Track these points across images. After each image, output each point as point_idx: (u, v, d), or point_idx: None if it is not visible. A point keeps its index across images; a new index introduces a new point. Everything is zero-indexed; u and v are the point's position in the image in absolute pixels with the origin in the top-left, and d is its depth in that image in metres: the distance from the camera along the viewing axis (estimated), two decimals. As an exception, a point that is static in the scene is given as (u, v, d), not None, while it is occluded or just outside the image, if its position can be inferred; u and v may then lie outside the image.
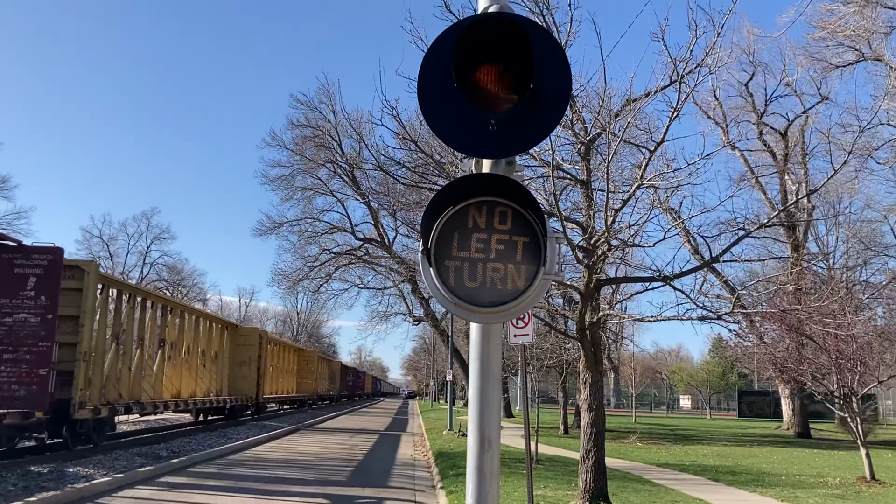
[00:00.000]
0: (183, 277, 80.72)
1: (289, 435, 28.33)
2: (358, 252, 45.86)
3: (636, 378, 56.89)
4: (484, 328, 2.79)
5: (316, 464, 18.75)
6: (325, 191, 45.41)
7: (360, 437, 29.01)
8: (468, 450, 2.69)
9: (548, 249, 2.77)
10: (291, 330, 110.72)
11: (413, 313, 47.33)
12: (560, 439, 30.10)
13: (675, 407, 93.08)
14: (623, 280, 13.12)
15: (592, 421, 11.59)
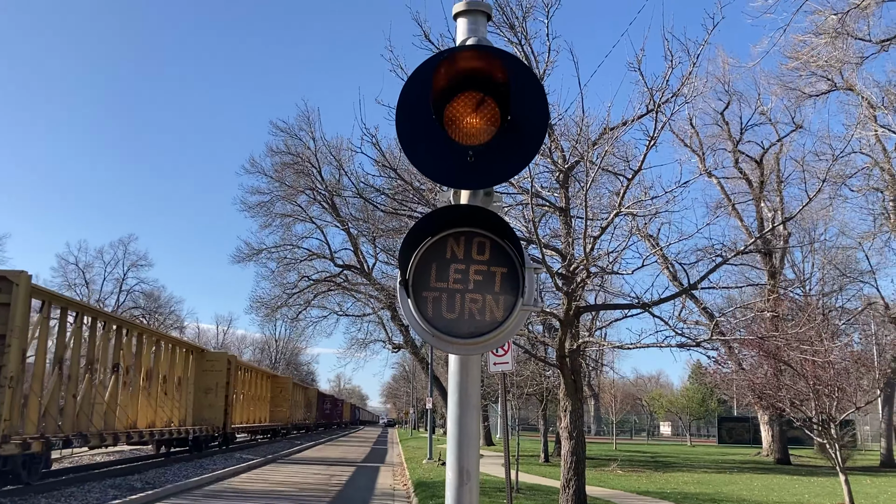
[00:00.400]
0: (160, 305, 79.94)
1: (263, 466, 27.94)
2: (337, 279, 45.73)
3: (616, 405, 56.88)
4: (462, 359, 2.77)
5: (295, 494, 18.48)
6: (305, 217, 45.40)
7: (338, 468, 28.66)
8: (447, 483, 2.66)
9: (526, 280, 2.77)
10: (270, 357, 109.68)
11: (392, 340, 47.20)
12: (541, 467, 29.95)
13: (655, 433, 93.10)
14: (602, 307, 13.17)
15: (573, 449, 11.54)
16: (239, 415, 35.35)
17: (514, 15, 12.66)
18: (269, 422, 44.76)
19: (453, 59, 2.82)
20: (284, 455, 34.38)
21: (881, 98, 32.28)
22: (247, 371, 39.64)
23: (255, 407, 41.02)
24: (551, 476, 24.14)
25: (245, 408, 37.88)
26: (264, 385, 44.29)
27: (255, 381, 41.24)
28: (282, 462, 30.53)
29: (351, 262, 45.23)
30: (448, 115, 2.93)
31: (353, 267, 44.76)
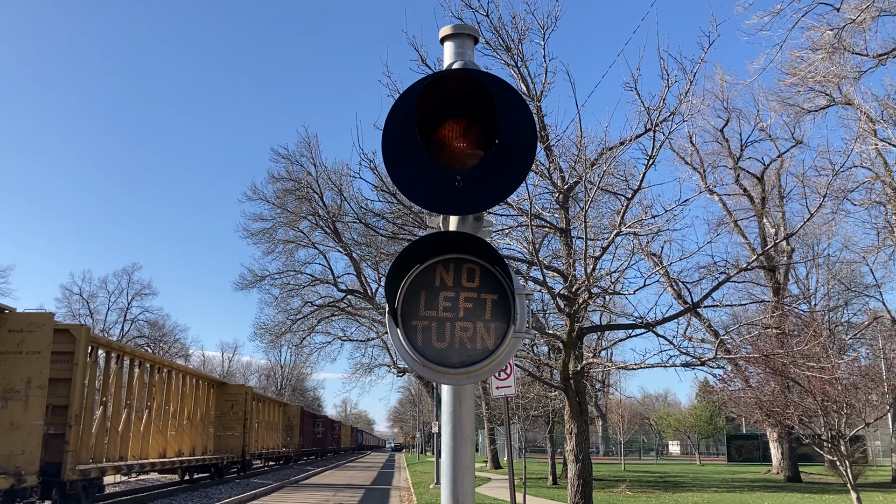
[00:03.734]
0: (164, 333, 79.75)
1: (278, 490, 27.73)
2: (341, 304, 45.60)
3: (624, 425, 56.46)
4: (455, 389, 2.71)
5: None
6: (307, 243, 45.36)
7: (347, 492, 28.42)
8: (441, 517, 2.59)
9: (517, 306, 2.71)
10: (275, 384, 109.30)
11: (397, 364, 46.89)
12: (549, 490, 29.64)
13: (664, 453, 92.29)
14: (605, 328, 13.08)
15: (579, 472, 11.40)
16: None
17: (510, 37, 12.69)
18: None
19: (438, 82, 2.77)
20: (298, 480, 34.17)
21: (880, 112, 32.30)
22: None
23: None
24: (559, 499, 23.88)
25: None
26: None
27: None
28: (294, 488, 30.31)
29: (354, 287, 45.12)
30: (435, 140, 2.89)
31: (356, 292, 44.64)
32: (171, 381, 25.50)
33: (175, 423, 25.71)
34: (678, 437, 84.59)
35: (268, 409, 42.52)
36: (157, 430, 23.51)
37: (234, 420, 32.22)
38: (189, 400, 27.82)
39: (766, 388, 22.97)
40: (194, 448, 27.97)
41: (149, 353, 46.61)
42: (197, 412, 28.72)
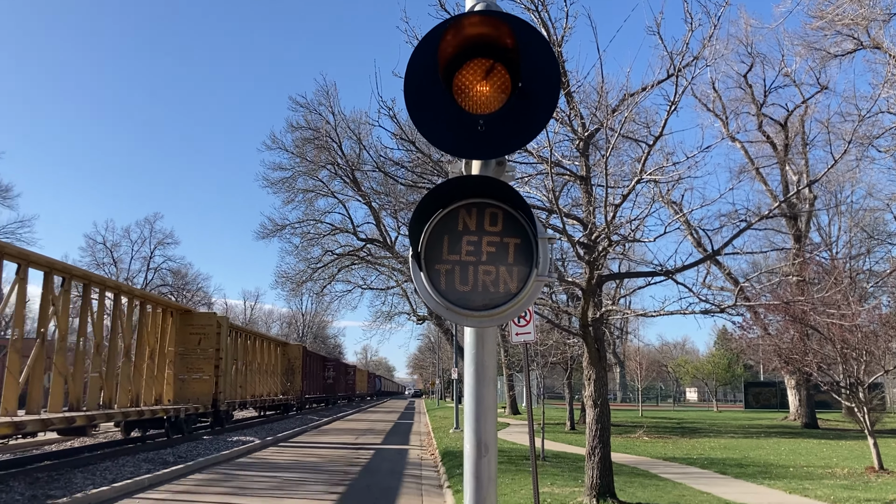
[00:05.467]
0: (187, 282, 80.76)
1: (289, 440, 28.36)
2: (360, 253, 45.87)
3: (642, 372, 56.79)
4: (478, 332, 2.74)
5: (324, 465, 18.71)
6: (327, 192, 45.44)
7: (366, 437, 28.99)
8: (465, 455, 2.65)
9: (540, 250, 2.73)
10: (297, 331, 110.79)
11: (417, 312, 47.35)
12: (567, 435, 30.06)
13: (681, 400, 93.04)
14: (625, 275, 13.07)
15: (597, 417, 11.54)
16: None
17: (531, -20, 12.43)
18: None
19: (460, 25, 2.75)
20: (312, 427, 34.82)
21: (910, 55, 31.44)
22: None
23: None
24: (577, 444, 24.23)
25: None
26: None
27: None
28: (309, 433, 30.93)
29: (374, 236, 45.31)
30: (457, 84, 2.87)
31: (375, 241, 44.84)
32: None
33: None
34: (696, 384, 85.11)
35: (258, 347, 36.68)
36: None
37: (201, 359, 25.91)
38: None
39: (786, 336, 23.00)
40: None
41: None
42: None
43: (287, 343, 48.51)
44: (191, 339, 26.06)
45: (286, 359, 43.82)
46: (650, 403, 78.08)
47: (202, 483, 14.94)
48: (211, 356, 26.19)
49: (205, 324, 26.73)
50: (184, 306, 30.93)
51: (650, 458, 20.49)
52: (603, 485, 11.51)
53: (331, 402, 62.94)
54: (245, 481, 15.37)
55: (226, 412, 28.60)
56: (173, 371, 24.94)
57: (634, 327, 50.46)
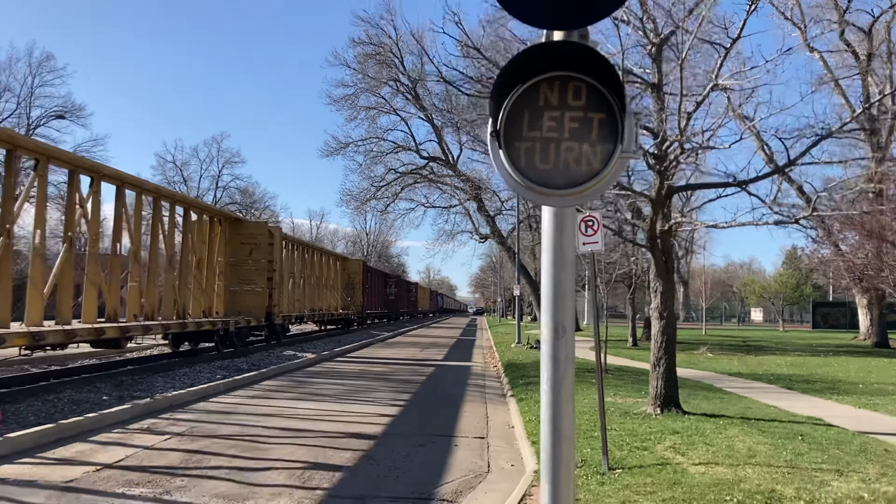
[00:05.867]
0: (255, 200, 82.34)
1: (354, 351, 29.14)
2: (423, 171, 45.84)
3: (707, 291, 56.11)
4: (557, 215, 2.69)
5: (389, 374, 19.26)
6: (389, 109, 45.20)
7: (430, 351, 29.61)
8: (542, 339, 2.65)
9: (626, 125, 2.63)
10: (362, 250, 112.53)
11: (479, 231, 47.41)
12: (629, 351, 30.11)
13: (745, 320, 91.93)
14: (696, 186, 12.71)
15: (663, 329, 11.47)
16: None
17: None
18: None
19: None
20: (378, 341, 35.73)
21: None
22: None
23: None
24: (639, 359, 24.27)
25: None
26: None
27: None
28: (373, 346, 31.76)
29: (436, 154, 45.12)
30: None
31: (438, 159, 44.67)
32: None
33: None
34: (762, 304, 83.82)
35: (316, 261, 35.24)
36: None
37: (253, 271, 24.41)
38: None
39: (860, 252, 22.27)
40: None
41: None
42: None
43: (347, 258, 47.42)
44: (242, 249, 24.49)
45: (346, 274, 43.11)
46: (714, 323, 77.31)
47: (273, 389, 15.56)
48: (263, 267, 24.65)
49: (256, 233, 24.98)
50: (233, 214, 28.70)
51: (714, 374, 20.41)
52: (667, 395, 11.53)
53: (392, 319, 62.48)
54: (313, 387, 15.94)
55: (281, 326, 27.62)
56: (224, 283, 23.69)
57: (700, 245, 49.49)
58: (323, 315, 35.76)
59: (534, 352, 28.22)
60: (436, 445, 9.99)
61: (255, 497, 7.06)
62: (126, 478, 7.63)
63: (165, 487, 7.31)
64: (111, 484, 7.37)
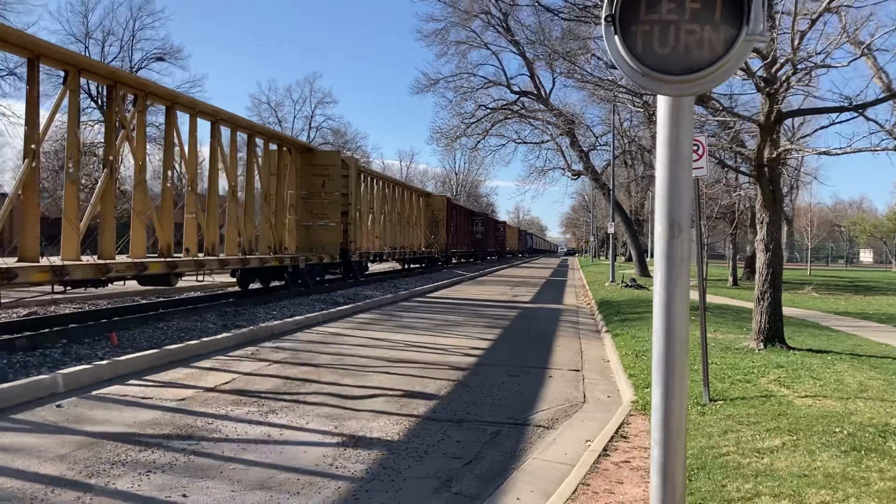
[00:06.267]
0: (347, 140, 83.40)
1: (448, 287, 29.37)
2: (514, 106, 45.05)
3: (812, 230, 53.65)
4: (674, 108, 2.52)
5: (486, 302, 19.38)
6: (479, 44, 44.38)
7: (521, 288, 29.60)
8: (656, 237, 2.53)
9: (752, 5, 2.41)
10: (450, 190, 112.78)
11: (572, 168, 46.54)
12: (728, 290, 29.28)
13: (853, 261, 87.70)
14: (808, 112, 11.96)
15: (769, 262, 11.01)
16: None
17: None
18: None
19: None
20: (468, 279, 35.97)
21: None
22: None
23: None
24: (739, 298, 23.57)
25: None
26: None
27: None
28: (463, 284, 31.98)
29: (527, 89, 44.20)
30: None
31: (529, 93, 43.77)
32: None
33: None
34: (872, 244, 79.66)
35: (397, 196, 33.25)
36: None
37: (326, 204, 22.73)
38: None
39: None
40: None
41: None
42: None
43: (430, 193, 45.18)
44: (314, 181, 22.78)
45: (430, 210, 41.30)
46: (819, 264, 74.13)
47: (367, 321, 15.90)
48: (337, 201, 22.94)
49: (328, 164, 23.09)
50: (303, 142, 25.54)
51: (820, 313, 19.61)
52: (772, 330, 11.13)
53: (478, 259, 60.87)
54: (407, 321, 16.19)
55: (358, 264, 26.27)
56: (295, 217, 22.10)
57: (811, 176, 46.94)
58: (405, 253, 33.90)
59: (628, 290, 27.79)
60: (530, 376, 10.01)
61: (356, 418, 7.26)
62: (232, 398, 7.97)
63: (270, 407, 7.60)
64: (218, 403, 7.72)
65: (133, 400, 7.72)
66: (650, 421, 2.22)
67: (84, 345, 10.78)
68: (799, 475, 5.26)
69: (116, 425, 6.69)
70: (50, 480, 5.19)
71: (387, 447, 6.34)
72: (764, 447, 5.97)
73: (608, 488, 5.24)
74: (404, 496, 5.19)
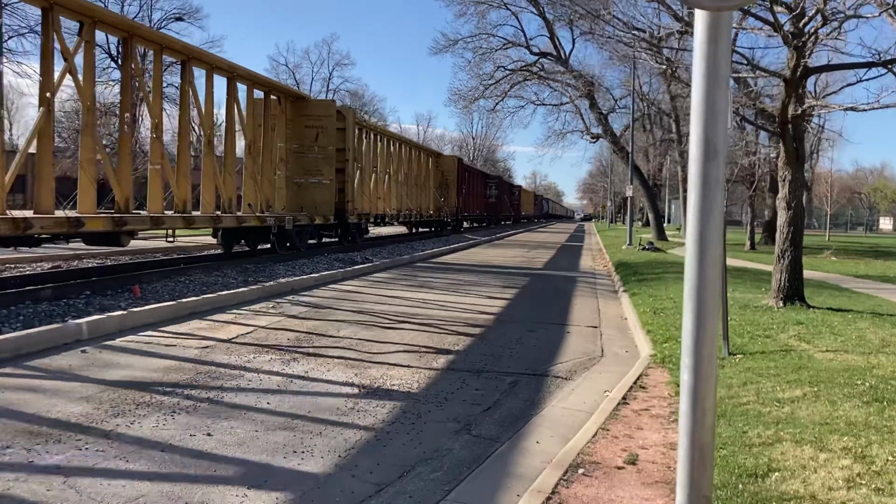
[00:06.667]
0: (364, 103, 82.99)
1: (468, 249, 29.38)
2: (533, 68, 44.52)
3: (832, 195, 53.02)
4: (712, 24, 2.45)
5: (501, 266, 19.39)
6: (499, 3, 43.65)
7: (537, 251, 29.56)
8: (690, 162, 2.48)
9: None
10: (468, 154, 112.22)
11: (590, 131, 46.11)
12: (746, 254, 29.09)
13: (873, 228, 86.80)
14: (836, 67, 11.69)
15: (790, 220, 10.90)
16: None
17: None
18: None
19: None
20: (496, 238, 35.94)
21: None
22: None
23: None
24: (757, 261, 23.43)
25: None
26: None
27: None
28: (489, 245, 31.97)
29: (547, 50, 43.57)
30: None
31: (549, 54, 43.18)
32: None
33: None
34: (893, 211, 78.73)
35: (403, 154, 31.06)
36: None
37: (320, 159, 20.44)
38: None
39: None
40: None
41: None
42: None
43: (440, 154, 42.91)
44: (306, 133, 20.52)
45: (439, 172, 39.07)
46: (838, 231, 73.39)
47: (385, 279, 15.96)
48: (331, 156, 20.70)
49: (321, 115, 20.72)
50: (294, 90, 22.79)
51: (839, 276, 19.47)
52: (791, 288, 11.07)
53: (492, 223, 58.58)
54: (425, 280, 16.23)
55: (357, 226, 24.11)
56: (284, 173, 19.64)
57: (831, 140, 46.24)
58: (410, 215, 31.76)
59: (646, 253, 27.68)
60: (547, 332, 10.03)
61: (375, 368, 7.32)
62: (253, 348, 8.05)
63: (291, 356, 7.68)
64: (240, 352, 7.79)
65: (156, 348, 7.81)
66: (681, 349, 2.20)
67: (107, 296, 10.89)
68: (821, 423, 5.25)
69: (140, 370, 6.78)
70: (77, 418, 5.27)
71: (407, 394, 6.39)
72: (784, 398, 5.96)
73: (628, 433, 5.26)
74: (425, 437, 5.24)
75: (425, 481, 4.43)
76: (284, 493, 4.12)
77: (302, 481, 4.31)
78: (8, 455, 4.49)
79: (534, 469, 4.65)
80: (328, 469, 4.54)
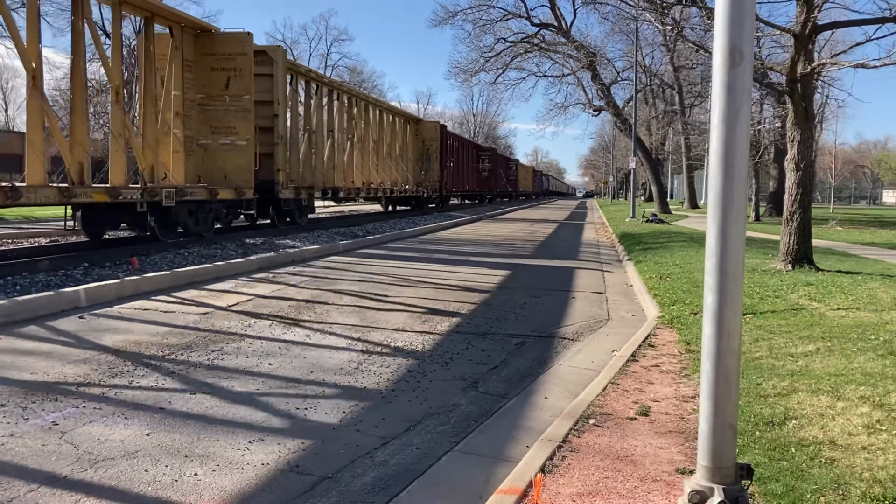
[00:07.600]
0: (363, 79, 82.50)
1: (473, 223, 29.21)
2: (534, 39, 43.95)
3: (836, 168, 52.64)
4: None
5: (501, 240, 19.25)
6: (499, -27, 43.17)
7: (540, 225, 29.40)
8: (714, 69, 2.31)
9: None
10: (468, 131, 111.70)
11: (592, 103, 45.67)
12: (751, 225, 28.86)
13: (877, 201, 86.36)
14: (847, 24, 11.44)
15: (798, 181, 10.71)
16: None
17: None
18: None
19: None
20: (491, 215, 35.75)
21: None
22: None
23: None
24: (762, 231, 23.26)
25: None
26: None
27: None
28: (488, 220, 31.80)
29: (548, 21, 42.99)
30: None
31: (550, 25, 42.61)
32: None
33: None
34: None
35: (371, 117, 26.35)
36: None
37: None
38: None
39: None
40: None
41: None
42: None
43: (420, 119, 37.22)
44: (214, 78, 15.37)
45: (419, 140, 33.73)
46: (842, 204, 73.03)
47: (391, 250, 15.83)
48: (248, 108, 15.45)
49: (235, 52, 15.38)
50: (194, 19, 15.21)
51: (846, 244, 19.30)
52: (800, 251, 10.90)
53: (485, 200, 53.63)
54: (429, 252, 16.10)
55: (295, 202, 18.86)
56: (185, 132, 14.75)
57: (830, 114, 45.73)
58: (380, 191, 27.06)
59: (649, 224, 27.50)
60: (552, 297, 9.90)
61: (379, 331, 7.19)
62: (253, 314, 7.92)
63: (293, 320, 7.57)
64: (240, 318, 7.68)
65: (154, 315, 7.68)
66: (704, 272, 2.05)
67: (105, 268, 10.75)
68: (836, 374, 5.12)
69: (138, 335, 6.66)
70: (74, 378, 5.15)
71: (412, 355, 6.27)
72: (797, 352, 5.83)
73: (639, 388, 5.13)
74: (431, 394, 5.12)
75: (432, 434, 4.31)
76: (287, 446, 4.01)
77: (305, 436, 4.19)
78: (2, 413, 4.38)
79: (543, 422, 4.53)
80: (332, 424, 4.41)
